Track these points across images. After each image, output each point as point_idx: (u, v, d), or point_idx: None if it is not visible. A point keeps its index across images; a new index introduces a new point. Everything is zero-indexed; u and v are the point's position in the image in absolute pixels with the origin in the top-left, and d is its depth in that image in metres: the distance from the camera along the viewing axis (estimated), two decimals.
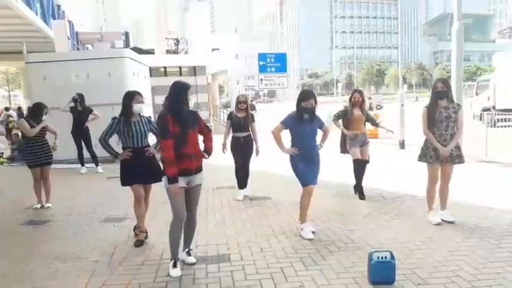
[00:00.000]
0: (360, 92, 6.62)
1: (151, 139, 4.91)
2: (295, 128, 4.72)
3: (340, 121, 6.46)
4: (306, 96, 4.68)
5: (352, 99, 6.44)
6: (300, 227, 4.82)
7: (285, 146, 4.73)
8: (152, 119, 5.01)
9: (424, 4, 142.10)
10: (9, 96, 57.20)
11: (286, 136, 4.81)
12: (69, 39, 19.98)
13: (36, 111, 6.45)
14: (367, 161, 6.45)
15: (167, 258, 4.23)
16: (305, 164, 4.72)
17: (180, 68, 27.30)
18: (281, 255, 4.21)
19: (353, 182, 6.52)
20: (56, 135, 6.66)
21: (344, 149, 6.56)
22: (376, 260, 3.48)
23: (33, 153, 6.38)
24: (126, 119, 4.59)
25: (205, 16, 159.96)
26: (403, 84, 13.49)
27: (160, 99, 8.78)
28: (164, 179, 3.86)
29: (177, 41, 35.78)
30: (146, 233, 4.82)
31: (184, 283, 3.67)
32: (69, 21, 24.10)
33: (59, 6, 25.26)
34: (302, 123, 4.66)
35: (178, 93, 3.84)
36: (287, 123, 4.74)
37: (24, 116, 6.81)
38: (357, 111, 6.39)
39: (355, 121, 6.36)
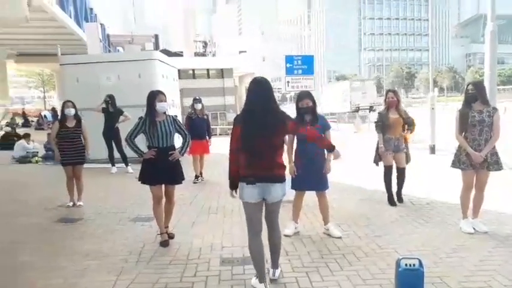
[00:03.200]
0: (394, 92, 6.24)
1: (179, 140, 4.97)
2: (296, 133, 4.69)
3: (381, 135, 6.10)
4: (301, 97, 4.72)
5: (387, 99, 6.14)
6: (327, 227, 4.89)
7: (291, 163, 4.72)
8: (179, 119, 5.05)
9: (456, 5, 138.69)
10: (44, 97, 59.28)
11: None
12: (101, 41, 20.52)
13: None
14: (403, 169, 6.15)
15: (194, 258, 4.30)
16: (307, 168, 4.70)
17: (207, 70, 27.60)
18: (307, 259, 4.19)
19: (381, 186, 6.37)
20: (86, 141, 6.75)
21: (377, 160, 6.25)
22: (404, 267, 3.41)
23: (66, 152, 6.58)
24: (151, 118, 4.65)
25: (232, 18, 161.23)
26: (433, 87, 13.18)
27: (189, 102, 8.96)
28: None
29: (205, 43, 36.20)
30: (168, 233, 4.85)
31: (210, 284, 3.71)
32: (101, 24, 24.76)
33: (91, 9, 26.02)
34: (303, 126, 4.61)
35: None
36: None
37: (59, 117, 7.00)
38: (392, 115, 6.05)
39: (391, 125, 6.03)
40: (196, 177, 8.50)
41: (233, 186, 3.53)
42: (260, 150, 3.34)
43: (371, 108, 33.97)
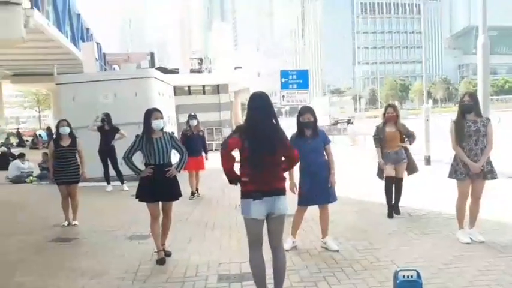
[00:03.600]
0: (394, 107, 6.25)
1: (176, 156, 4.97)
2: (298, 147, 4.69)
3: (379, 149, 6.13)
4: (303, 111, 4.78)
5: (386, 114, 6.14)
6: (324, 241, 4.86)
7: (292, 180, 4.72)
8: (176, 135, 5.07)
9: (448, 18, 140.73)
10: (40, 117, 59.27)
11: None
12: (97, 60, 20.69)
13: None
14: (400, 179, 6.18)
15: (191, 275, 4.27)
16: (311, 183, 4.70)
17: (203, 86, 27.74)
18: (305, 274, 4.17)
19: (381, 199, 6.37)
20: (82, 159, 6.75)
21: (380, 173, 6.24)
22: (402, 279, 3.39)
23: (61, 171, 6.57)
24: (148, 136, 4.67)
25: (227, 35, 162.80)
26: (427, 99, 13.29)
27: (185, 118, 8.99)
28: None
29: (201, 60, 36.43)
30: (165, 250, 4.82)
31: None
32: (97, 43, 24.99)
33: (87, 29, 26.24)
34: (304, 141, 4.66)
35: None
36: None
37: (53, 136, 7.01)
38: (389, 129, 6.07)
39: (388, 139, 6.05)
40: (193, 193, 8.47)
41: (233, 181, 3.48)
42: (266, 166, 3.32)
43: (349, 121, 36.94)
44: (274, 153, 3.36)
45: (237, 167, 3.45)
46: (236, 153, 3.41)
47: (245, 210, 3.37)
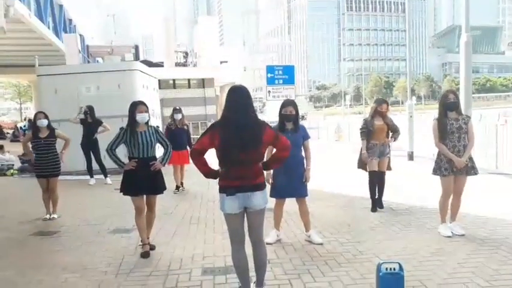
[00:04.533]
0: (388, 103, 6.37)
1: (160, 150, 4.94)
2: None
3: (365, 141, 6.16)
4: (285, 104, 4.78)
5: (378, 109, 6.17)
6: (308, 234, 4.89)
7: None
8: (160, 129, 5.03)
9: (432, 16, 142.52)
10: (21, 109, 58.12)
11: None
12: (80, 52, 20.34)
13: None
14: (383, 173, 6.27)
15: (175, 269, 4.25)
16: (286, 175, 4.70)
17: (188, 80, 27.57)
18: (289, 266, 4.19)
19: (365, 193, 6.44)
20: (66, 143, 6.71)
21: (361, 165, 6.32)
22: (384, 272, 3.43)
23: (40, 164, 6.46)
24: (132, 129, 4.62)
25: (213, 29, 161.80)
26: (411, 96, 13.45)
27: (170, 112, 8.93)
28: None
29: (186, 53, 36.18)
30: (149, 244, 4.78)
31: None
32: (80, 35, 24.57)
33: (70, 20, 25.76)
34: (284, 133, 4.63)
35: None
36: None
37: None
38: (378, 121, 6.16)
39: (376, 131, 6.12)
40: (177, 187, 8.43)
41: (215, 176, 3.41)
42: (241, 161, 3.24)
43: (302, 117, 39.32)
44: (248, 149, 3.23)
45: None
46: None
47: (221, 205, 3.36)
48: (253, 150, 3.27)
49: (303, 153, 4.86)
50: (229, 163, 3.27)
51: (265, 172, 3.62)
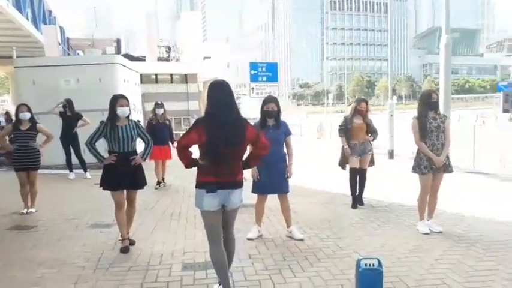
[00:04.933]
0: (367, 102, 6.41)
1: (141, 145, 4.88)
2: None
3: (344, 138, 6.25)
4: (267, 100, 4.79)
5: (358, 107, 6.24)
6: (289, 230, 4.96)
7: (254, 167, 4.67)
8: (142, 124, 4.97)
9: (413, 18, 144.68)
10: None
11: None
12: (59, 44, 19.91)
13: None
14: (364, 170, 6.33)
15: (155, 264, 4.22)
16: (268, 172, 4.72)
17: (171, 75, 27.33)
18: (269, 262, 4.20)
19: (346, 190, 6.51)
20: (48, 139, 6.58)
21: (343, 164, 6.38)
22: (363, 267, 3.48)
23: (20, 156, 6.31)
24: (112, 123, 4.55)
25: (197, 25, 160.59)
26: (392, 95, 13.64)
27: (151, 106, 8.82)
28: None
29: (169, 48, 35.86)
30: (129, 239, 4.73)
31: None
32: (60, 27, 24.05)
33: (50, 11, 25.18)
34: (266, 130, 4.65)
35: None
36: None
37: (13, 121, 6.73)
38: (357, 120, 6.22)
39: (354, 130, 6.19)
40: (158, 183, 8.36)
41: (193, 165, 3.37)
42: (225, 158, 3.21)
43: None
44: (233, 145, 3.22)
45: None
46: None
47: (198, 202, 3.29)
48: (236, 147, 3.26)
49: (285, 150, 4.88)
50: (213, 159, 3.22)
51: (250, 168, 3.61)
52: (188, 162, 3.37)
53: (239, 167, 3.37)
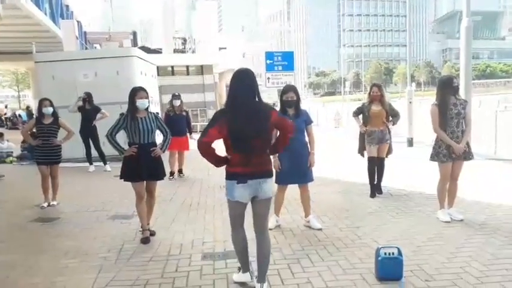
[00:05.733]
0: (379, 86, 6.30)
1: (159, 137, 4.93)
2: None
3: (360, 117, 6.27)
4: (286, 90, 4.75)
5: (371, 93, 6.21)
6: (307, 219, 4.98)
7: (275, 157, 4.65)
8: (160, 116, 5.02)
9: (432, 2, 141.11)
10: (19, 96, 57.85)
11: None
12: (77, 38, 20.14)
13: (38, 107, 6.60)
14: (382, 159, 6.26)
15: (175, 254, 4.28)
16: (291, 161, 4.70)
17: (187, 67, 27.37)
18: (288, 251, 4.22)
19: (363, 179, 6.47)
20: (69, 135, 6.71)
21: (362, 150, 6.34)
22: (383, 256, 3.47)
23: (42, 150, 6.45)
24: (132, 115, 4.61)
25: (212, 15, 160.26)
26: (411, 82, 13.40)
27: (168, 98, 8.88)
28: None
29: (184, 40, 35.94)
30: (149, 230, 4.81)
31: (191, 279, 3.69)
32: (78, 21, 24.30)
33: (67, 6, 25.46)
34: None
35: None
36: None
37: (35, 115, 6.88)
38: (375, 107, 6.15)
39: (373, 117, 6.13)
40: (172, 173, 8.39)
41: (224, 162, 3.26)
42: (253, 148, 3.13)
43: (274, 104, 40.28)
44: (258, 135, 3.13)
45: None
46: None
47: (229, 193, 3.25)
48: (261, 136, 3.17)
49: (306, 139, 4.85)
50: (240, 150, 3.14)
51: (272, 158, 3.57)
52: (215, 160, 3.25)
53: (267, 156, 3.32)
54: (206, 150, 3.19)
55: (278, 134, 3.49)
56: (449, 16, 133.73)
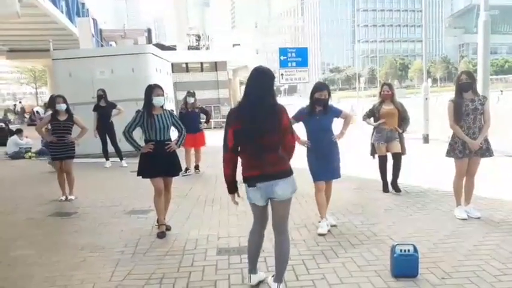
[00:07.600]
0: (389, 85, 6.30)
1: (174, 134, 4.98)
2: (306, 122, 4.71)
3: (372, 119, 6.27)
4: (320, 87, 4.66)
5: (382, 93, 6.22)
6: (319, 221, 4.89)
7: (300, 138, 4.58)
8: (175, 113, 5.07)
9: None
10: (37, 94, 58.80)
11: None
12: (93, 36, 20.38)
13: (50, 104, 6.73)
14: (398, 154, 6.20)
15: (190, 249, 4.33)
16: (319, 159, 4.69)
17: (201, 63, 27.45)
18: (303, 247, 4.22)
19: (377, 175, 6.43)
20: (82, 132, 6.81)
21: (374, 152, 6.38)
22: (399, 253, 3.45)
23: (55, 146, 6.58)
24: (148, 112, 4.66)
25: (225, 11, 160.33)
26: (427, 78, 13.22)
27: (183, 95, 8.94)
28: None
29: (198, 37, 35.98)
30: (166, 225, 4.87)
31: (207, 273, 3.73)
32: (93, 19, 24.57)
33: (83, 4, 25.75)
34: (313, 117, 4.63)
35: None
36: (297, 117, 4.74)
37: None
38: (386, 106, 6.14)
39: (384, 116, 6.12)
40: (186, 170, 8.43)
41: (232, 190, 3.27)
42: (259, 150, 3.06)
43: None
44: (263, 136, 3.04)
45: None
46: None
47: (246, 195, 3.25)
48: (270, 136, 3.07)
49: (335, 135, 4.82)
50: (246, 150, 3.12)
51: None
52: (229, 172, 3.20)
53: (278, 156, 3.12)
54: (230, 157, 3.16)
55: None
56: (466, 10, 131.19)
